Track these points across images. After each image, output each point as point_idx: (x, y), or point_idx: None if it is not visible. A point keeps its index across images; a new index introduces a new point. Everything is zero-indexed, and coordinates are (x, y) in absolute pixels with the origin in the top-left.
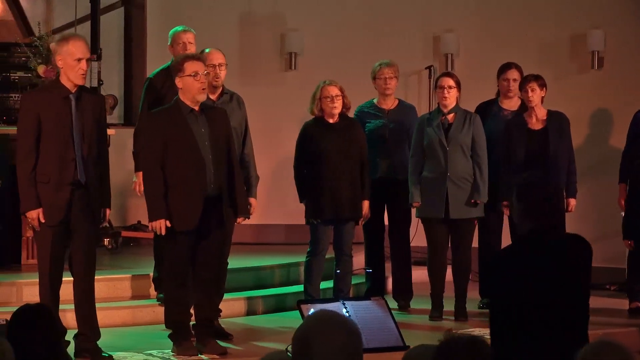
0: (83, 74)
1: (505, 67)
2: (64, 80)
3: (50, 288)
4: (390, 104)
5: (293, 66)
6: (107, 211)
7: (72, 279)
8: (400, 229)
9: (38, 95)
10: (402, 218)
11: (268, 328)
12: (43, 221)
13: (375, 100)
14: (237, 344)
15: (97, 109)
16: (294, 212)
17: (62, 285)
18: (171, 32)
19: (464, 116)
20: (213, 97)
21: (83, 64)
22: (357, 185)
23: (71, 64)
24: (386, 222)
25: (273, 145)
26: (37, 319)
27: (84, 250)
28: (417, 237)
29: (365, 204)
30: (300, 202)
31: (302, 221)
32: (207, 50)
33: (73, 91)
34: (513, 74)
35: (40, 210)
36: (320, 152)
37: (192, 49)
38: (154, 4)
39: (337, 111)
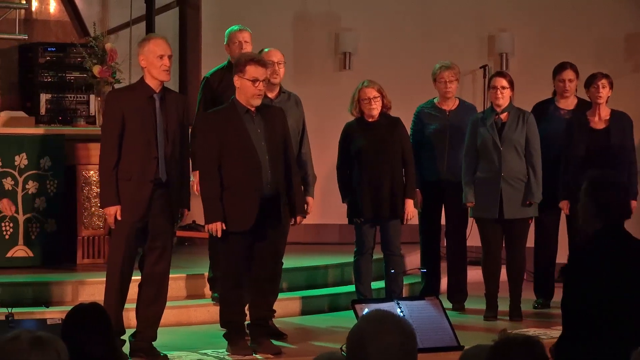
0: (166, 70)
1: (560, 68)
2: (148, 80)
3: (119, 286)
4: (451, 104)
5: (347, 66)
6: (185, 212)
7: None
8: (457, 230)
9: (123, 94)
10: (459, 219)
11: (322, 328)
12: (119, 219)
13: (435, 100)
14: (291, 343)
15: (180, 109)
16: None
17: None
18: (227, 31)
19: (517, 115)
20: (271, 95)
21: (165, 60)
22: (398, 184)
23: (153, 61)
24: (443, 222)
25: (327, 145)
26: (91, 319)
27: (160, 250)
28: (472, 237)
29: (409, 203)
30: (343, 201)
31: None
32: (266, 50)
33: (157, 91)
34: (568, 75)
35: (118, 207)
36: (360, 151)
37: (248, 48)
38: (209, 4)
39: (375, 112)
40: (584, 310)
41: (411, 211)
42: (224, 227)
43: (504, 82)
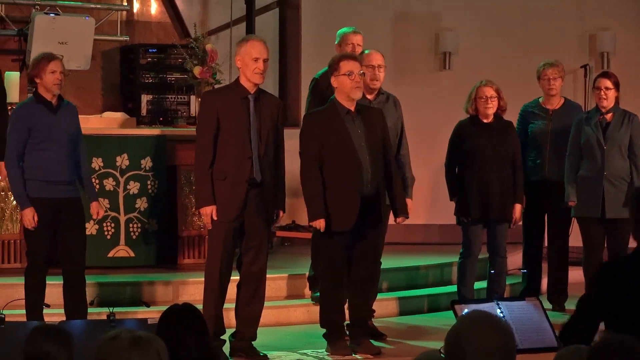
0: (260, 73)
1: None
2: (243, 81)
3: (218, 286)
4: (555, 103)
5: (447, 66)
6: (280, 213)
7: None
8: (560, 231)
9: (218, 95)
10: (561, 219)
11: (421, 328)
12: (215, 218)
13: (540, 100)
14: (390, 343)
15: (274, 111)
16: (447, 212)
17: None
18: (340, 32)
19: (622, 116)
20: (370, 97)
21: (260, 63)
22: (508, 187)
23: (248, 63)
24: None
25: (427, 145)
26: (185, 319)
27: (256, 249)
28: (573, 237)
29: (517, 208)
30: (450, 200)
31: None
32: (366, 52)
33: (252, 92)
34: None
35: (214, 207)
36: (472, 150)
37: (359, 51)
38: (309, 5)
39: (491, 112)
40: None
41: (519, 216)
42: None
43: (608, 83)
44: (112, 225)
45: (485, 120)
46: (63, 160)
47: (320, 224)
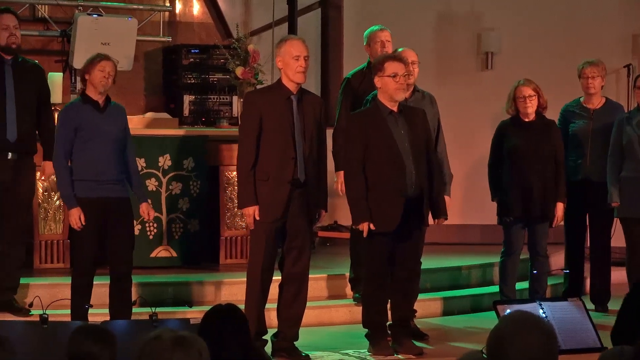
0: (302, 72)
1: None
2: (285, 81)
3: (260, 286)
4: (596, 103)
5: (489, 66)
6: (323, 212)
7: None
8: (602, 231)
9: (260, 95)
10: (603, 219)
11: (464, 328)
12: (258, 219)
13: (581, 99)
14: (432, 344)
15: (317, 110)
16: (490, 212)
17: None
18: (367, 31)
19: None
20: (406, 94)
21: (301, 61)
22: (550, 186)
23: (289, 62)
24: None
25: (469, 145)
26: (228, 320)
27: (298, 250)
28: (615, 237)
29: (559, 206)
30: (492, 200)
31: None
32: (400, 50)
33: (294, 92)
34: None
35: (256, 207)
36: (513, 150)
37: (389, 48)
38: (351, 5)
39: (530, 110)
40: None
41: (561, 215)
42: (372, 228)
43: None
44: (155, 225)
45: (526, 120)
46: (110, 159)
47: (364, 227)
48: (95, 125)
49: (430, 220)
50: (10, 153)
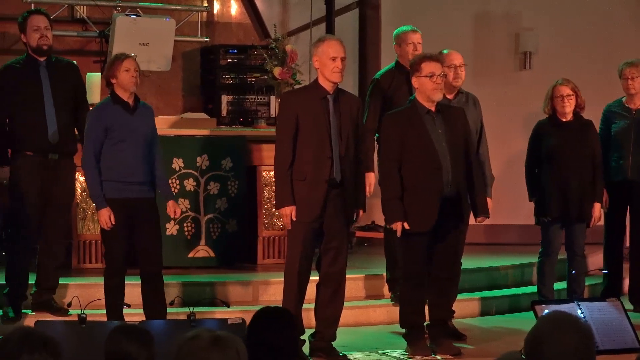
0: (339, 72)
1: None
2: (321, 81)
3: (297, 286)
4: (637, 103)
5: (527, 65)
6: (360, 212)
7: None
8: None
9: (297, 95)
10: None
11: (502, 328)
12: (295, 219)
13: (623, 99)
14: (470, 344)
15: (354, 110)
16: (528, 212)
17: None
18: (397, 31)
19: None
20: (450, 96)
21: (338, 62)
22: (587, 186)
23: (326, 62)
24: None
25: (507, 145)
26: (279, 321)
27: (335, 250)
28: None
29: (596, 207)
30: (530, 200)
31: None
32: (445, 52)
33: (331, 92)
34: None
35: (293, 207)
36: (551, 150)
37: (420, 50)
38: (389, 5)
39: (568, 110)
40: None
41: (598, 215)
42: (406, 227)
43: None
44: (193, 225)
45: (563, 119)
46: (139, 160)
47: (397, 226)
48: (126, 126)
49: (472, 220)
50: (50, 154)
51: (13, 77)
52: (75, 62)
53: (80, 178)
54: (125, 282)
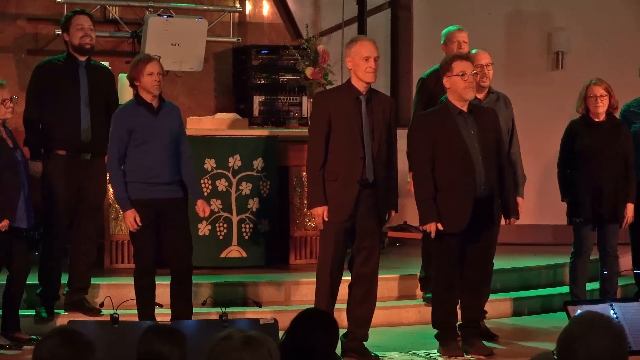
0: (371, 72)
1: None
2: (354, 81)
3: (329, 286)
4: None
5: (560, 65)
6: (393, 212)
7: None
8: None
9: (329, 95)
10: None
11: (534, 329)
12: (327, 219)
13: None
14: (503, 344)
15: (387, 111)
16: (560, 212)
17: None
18: (445, 31)
19: None
20: (480, 96)
21: (371, 62)
22: (620, 187)
23: (359, 63)
24: None
25: (539, 145)
26: (320, 324)
27: (367, 250)
28: None
29: (629, 207)
30: (562, 200)
31: None
32: (473, 51)
33: (364, 92)
34: None
35: (325, 208)
36: (583, 150)
37: (466, 48)
38: (421, 5)
39: (601, 110)
40: None
41: (631, 216)
42: (440, 228)
43: None
44: (225, 225)
45: (596, 119)
46: (164, 161)
47: (431, 227)
48: (150, 127)
49: (502, 220)
50: (82, 153)
51: (52, 73)
52: (109, 68)
53: None
54: (156, 283)
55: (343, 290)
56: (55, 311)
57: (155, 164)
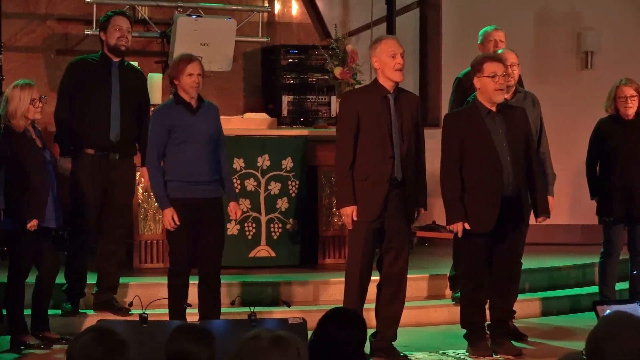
0: (400, 69)
1: None
2: (382, 80)
3: (358, 286)
4: None
5: (589, 65)
6: (422, 211)
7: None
8: None
9: (357, 95)
10: None
11: (563, 329)
12: (356, 219)
13: None
14: (531, 344)
15: (414, 109)
16: (590, 212)
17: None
18: (482, 31)
19: None
20: (507, 96)
21: (398, 58)
22: None
23: (386, 60)
24: None
25: (568, 145)
26: (349, 323)
27: (396, 250)
28: None
29: None
30: (591, 199)
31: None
32: (499, 51)
33: (391, 91)
34: None
35: (354, 207)
36: (613, 149)
37: (502, 47)
38: (450, 5)
39: (631, 111)
40: None
41: None
42: (467, 228)
43: None
44: (253, 225)
45: (626, 119)
46: (203, 160)
47: (458, 227)
48: (189, 126)
49: (532, 219)
50: (111, 153)
51: (85, 70)
52: (142, 70)
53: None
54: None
55: (372, 290)
56: (84, 311)
57: (193, 163)
